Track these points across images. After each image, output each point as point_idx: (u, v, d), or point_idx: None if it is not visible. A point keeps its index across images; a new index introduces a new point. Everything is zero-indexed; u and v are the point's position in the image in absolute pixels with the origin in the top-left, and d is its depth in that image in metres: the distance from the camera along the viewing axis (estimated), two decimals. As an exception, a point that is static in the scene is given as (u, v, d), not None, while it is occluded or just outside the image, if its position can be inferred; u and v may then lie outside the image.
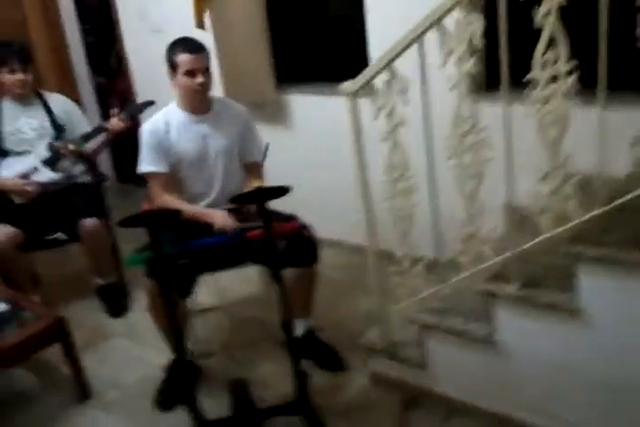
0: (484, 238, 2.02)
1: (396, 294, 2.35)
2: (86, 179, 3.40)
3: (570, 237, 1.79)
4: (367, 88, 2.08)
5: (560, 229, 1.79)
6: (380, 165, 2.17)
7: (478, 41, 1.72)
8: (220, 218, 2.53)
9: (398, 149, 2.10)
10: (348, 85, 2.11)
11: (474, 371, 2.33)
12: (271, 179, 2.72)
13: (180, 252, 2.25)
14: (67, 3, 4.82)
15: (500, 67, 1.77)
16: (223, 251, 2.39)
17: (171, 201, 2.65)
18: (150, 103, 3.14)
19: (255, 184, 2.65)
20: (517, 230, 1.98)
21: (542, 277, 2.01)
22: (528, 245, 1.90)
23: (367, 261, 2.38)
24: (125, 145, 3.23)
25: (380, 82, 2.04)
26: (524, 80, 1.71)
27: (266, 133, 2.93)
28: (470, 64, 1.76)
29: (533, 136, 1.76)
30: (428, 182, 2.09)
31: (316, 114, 3.62)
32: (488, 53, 2.05)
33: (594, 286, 1.87)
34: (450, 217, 2.07)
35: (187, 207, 2.59)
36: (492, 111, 1.80)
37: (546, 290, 1.98)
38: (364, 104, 2.11)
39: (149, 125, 2.67)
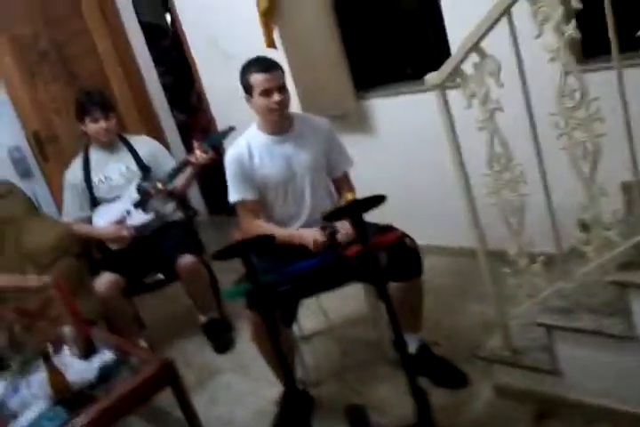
0: (607, 223, 1.82)
1: (515, 296, 2.18)
2: (178, 216, 3.40)
3: None
4: (455, 75, 1.95)
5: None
6: (475, 159, 2.03)
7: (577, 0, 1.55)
8: (310, 235, 2.44)
9: (498, 137, 1.94)
10: (434, 76, 2.00)
11: (612, 372, 2.11)
12: (363, 189, 2.60)
13: (279, 279, 2.12)
14: (141, 48, 4.94)
15: (606, 27, 1.60)
16: (323, 272, 2.24)
17: (262, 227, 2.59)
18: (231, 129, 3.08)
19: (348, 197, 2.54)
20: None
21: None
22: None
23: (478, 263, 2.22)
24: (212, 175, 3.21)
25: (467, 67, 1.92)
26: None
27: (351, 144, 2.83)
28: (572, 28, 1.59)
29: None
30: (539, 167, 1.92)
31: (400, 115, 3.49)
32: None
33: None
34: (565, 205, 1.89)
35: (278, 231, 2.52)
36: (596, 80, 1.63)
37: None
38: (451, 96, 1.99)
39: (232, 153, 2.63)
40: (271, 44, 3.65)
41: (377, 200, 1.98)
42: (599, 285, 1.95)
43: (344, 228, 2.40)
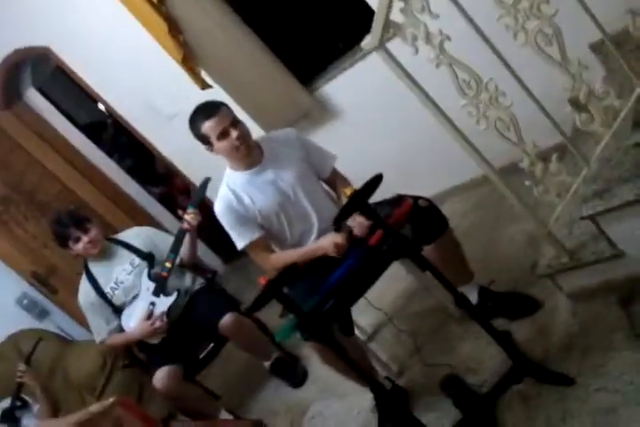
0: (600, 92, 1.86)
1: (546, 202, 2.17)
2: (200, 283, 3.37)
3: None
4: (388, 30, 1.96)
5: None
6: (447, 97, 2.02)
7: None
8: (328, 242, 2.41)
9: (459, 65, 1.96)
10: (369, 41, 2.00)
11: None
12: (358, 174, 2.54)
13: (320, 299, 2.07)
14: (90, 150, 5.03)
15: None
16: (359, 272, 2.19)
17: (280, 258, 2.57)
18: (206, 182, 3.09)
19: (347, 192, 2.53)
20: (628, 62, 1.81)
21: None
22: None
23: (495, 187, 2.19)
24: (211, 228, 3.19)
25: (396, 15, 1.92)
26: None
27: (325, 137, 2.85)
28: None
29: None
30: (510, 73, 1.95)
31: (357, 89, 3.49)
32: None
33: None
34: (549, 95, 1.92)
35: (296, 254, 2.52)
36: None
37: None
38: (393, 49, 1.99)
39: (220, 203, 2.59)
40: (204, 85, 3.64)
41: (375, 182, 1.97)
42: (620, 153, 1.97)
43: (356, 221, 2.37)
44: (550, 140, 2.07)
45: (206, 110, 2.47)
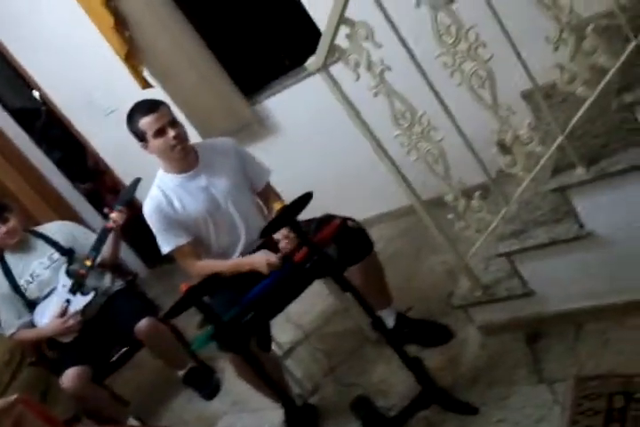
0: (525, 137, 1.92)
1: (466, 237, 2.24)
2: (119, 284, 3.29)
3: (618, 86, 1.70)
4: (333, 53, 1.99)
5: (602, 85, 1.70)
6: (382, 124, 2.06)
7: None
8: (261, 260, 2.39)
9: (396, 96, 2.00)
10: (313, 61, 2.01)
11: (578, 274, 2.20)
12: (290, 190, 2.56)
13: (240, 310, 2.06)
14: (18, 135, 4.85)
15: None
16: (281, 287, 2.19)
17: (207, 266, 2.54)
18: (136, 182, 3.03)
19: (276, 206, 2.54)
20: (553, 112, 1.89)
21: (602, 146, 1.91)
22: (576, 117, 1.81)
23: (420, 217, 2.25)
24: (137, 230, 3.13)
25: (341, 40, 1.95)
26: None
27: (261, 151, 2.84)
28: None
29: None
30: (443, 110, 2.00)
31: (297, 107, 3.51)
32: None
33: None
34: (480, 135, 1.98)
35: (223, 265, 2.51)
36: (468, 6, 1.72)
37: (612, 158, 1.88)
38: (335, 72, 2.01)
39: (149, 204, 2.55)
40: (145, 84, 3.60)
41: (305, 199, 1.97)
42: (539, 197, 2.05)
43: (282, 236, 2.39)
44: (476, 178, 2.13)
45: (146, 106, 2.44)
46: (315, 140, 3.56)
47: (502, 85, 1.82)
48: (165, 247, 2.57)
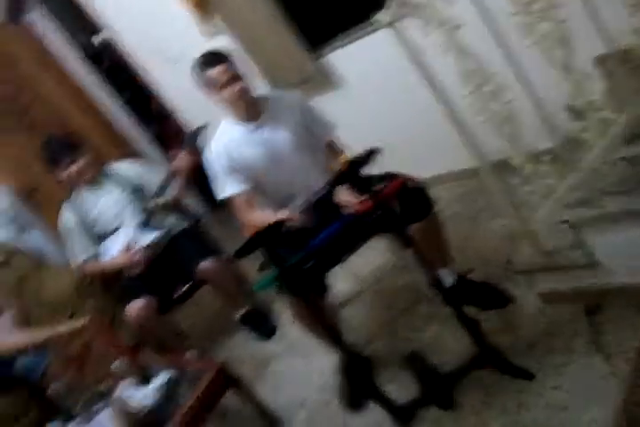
0: (600, 104, 1.84)
1: (531, 202, 2.18)
2: (184, 225, 3.38)
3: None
4: (403, 8, 1.94)
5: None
6: (450, 82, 2.00)
7: None
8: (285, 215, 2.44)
9: (467, 54, 1.94)
10: (383, 15, 1.97)
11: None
12: (354, 145, 2.57)
13: (302, 257, 2.09)
14: (87, 77, 4.96)
15: None
16: (342, 238, 2.20)
17: (257, 217, 2.57)
18: (202, 128, 3.09)
19: (341, 160, 2.53)
20: (628, 78, 1.79)
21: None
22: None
23: (484, 181, 2.20)
24: (200, 175, 3.20)
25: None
26: None
27: (324, 105, 2.80)
28: None
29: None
30: (514, 72, 1.93)
31: (362, 61, 3.43)
32: None
33: None
34: (550, 98, 1.90)
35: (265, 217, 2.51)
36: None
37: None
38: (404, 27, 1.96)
39: (210, 151, 2.62)
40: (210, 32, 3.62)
41: (371, 154, 1.97)
42: (607, 166, 1.97)
43: (342, 194, 2.38)
44: (544, 143, 2.06)
45: (210, 58, 2.48)
46: (378, 96, 3.50)
47: (576, 49, 1.73)
48: (221, 193, 2.63)
